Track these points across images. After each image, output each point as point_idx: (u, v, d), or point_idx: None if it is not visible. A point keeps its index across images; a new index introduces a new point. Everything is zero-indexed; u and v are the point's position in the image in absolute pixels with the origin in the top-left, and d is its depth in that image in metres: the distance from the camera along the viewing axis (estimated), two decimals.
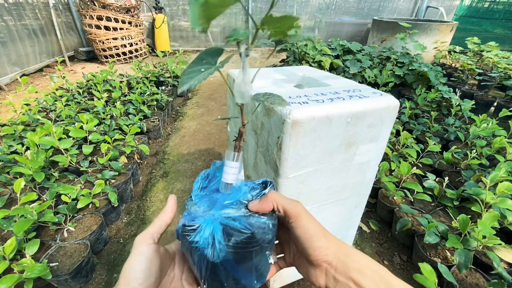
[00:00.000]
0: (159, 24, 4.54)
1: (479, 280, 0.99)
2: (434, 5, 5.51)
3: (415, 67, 2.65)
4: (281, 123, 0.63)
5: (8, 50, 3.07)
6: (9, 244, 0.90)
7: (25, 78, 2.02)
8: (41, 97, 2.16)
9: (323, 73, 1.00)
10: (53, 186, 1.25)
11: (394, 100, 0.73)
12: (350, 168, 0.79)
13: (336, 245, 0.32)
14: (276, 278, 0.99)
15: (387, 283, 0.29)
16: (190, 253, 0.32)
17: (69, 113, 1.79)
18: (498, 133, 1.62)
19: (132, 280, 0.29)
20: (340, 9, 5.67)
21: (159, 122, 2.15)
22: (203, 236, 0.30)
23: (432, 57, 3.86)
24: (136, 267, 0.30)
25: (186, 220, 0.32)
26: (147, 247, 0.31)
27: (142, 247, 0.31)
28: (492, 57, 3.09)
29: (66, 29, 4.17)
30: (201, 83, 2.16)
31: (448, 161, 1.57)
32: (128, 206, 1.51)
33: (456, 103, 2.06)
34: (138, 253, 0.30)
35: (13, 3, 3.24)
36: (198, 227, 0.31)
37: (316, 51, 2.81)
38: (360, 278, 0.30)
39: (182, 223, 0.32)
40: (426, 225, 1.10)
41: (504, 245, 1.02)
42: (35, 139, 1.25)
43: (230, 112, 1.09)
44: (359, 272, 0.30)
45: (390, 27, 4.03)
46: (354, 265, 0.31)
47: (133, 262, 0.30)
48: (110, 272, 1.15)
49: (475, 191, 1.19)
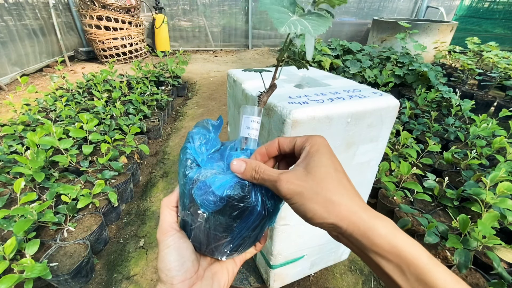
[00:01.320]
0: (159, 24, 4.54)
1: (479, 280, 0.99)
2: (434, 5, 5.51)
3: (415, 67, 2.65)
4: (281, 123, 0.63)
5: (8, 50, 3.07)
6: (9, 244, 0.90)
7: (25, 78, 2.02)
8: (41, 97, 2.16)
9: (323, 73, 1.00)
10: (53, 186, 1.25)
11: (394, 100, 0.73)
12: (350, 168, 0.79)
13: (347, 218, 0.24)
14: (276, 278, 0.99)
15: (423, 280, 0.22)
16: (234, 218, 0.30)
17: (69, 113, 1.79)
18: (498, 133, 1.62)
19: (169, 271, 0.29)
20: (340, 9, 5.66)
21: (159, 122, 2.15)
22: (252, 198, 0.29)
23: (432, 57, 3.86)
24: (168, 258, 0.30)
25: (223, 189, 0.28)
26: (171, 238, 0.31)
27: (167, 240, 0.31)
28: (492, 57, 3.09)
29: (66, 29, 4.17)
30: (200, 82, 2.15)
31: (448, 161, 1.57)
32: (128, 206, 1.51)
33: (456, 103, 2.06)
34: (165, 246, 0.31)
35: (13, 3, 3.24)
36: (247, 191, 0.29)
37: (316, 51, 2.81)
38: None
39: (222, 194, 0.28)
40: (426, 225, 1.10)
41: (504, 245, 1.02)
42: (35, 139, 1.25)
43: (230, 112, 1.09)
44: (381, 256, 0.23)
45: (390, 27, 4.04)
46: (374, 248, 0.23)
47: (164, 256, 0.30)
48: (110, 272, 1.15)
49: (475, 191, 1.19)
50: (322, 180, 0.26)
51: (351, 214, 0.24)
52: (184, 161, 0.32)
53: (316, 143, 0.29)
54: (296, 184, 0.26)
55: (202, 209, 0.30)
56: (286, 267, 0.96)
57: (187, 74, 3.75)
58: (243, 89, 0.82)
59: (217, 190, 0.28)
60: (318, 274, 1.15)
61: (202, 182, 0.29)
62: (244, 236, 0.32)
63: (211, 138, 0.34)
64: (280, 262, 0.92)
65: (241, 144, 0.34)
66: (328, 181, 0.26)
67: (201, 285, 0.31)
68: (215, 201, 0.28)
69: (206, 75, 3.81)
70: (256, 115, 0.33)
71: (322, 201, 0.25)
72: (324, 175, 0.26)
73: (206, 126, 0.35)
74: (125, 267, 1.17)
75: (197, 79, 3.62)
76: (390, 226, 0.24)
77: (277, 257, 0.90)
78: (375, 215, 0.25)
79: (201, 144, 0.33)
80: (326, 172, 0.27)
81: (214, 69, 4.11)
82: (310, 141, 0.29)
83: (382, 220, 0.24)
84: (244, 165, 0.29)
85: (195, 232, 0.32)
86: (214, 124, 0.36)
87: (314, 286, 1.11)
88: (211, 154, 0.34)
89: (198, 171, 0.31)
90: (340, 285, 1.12)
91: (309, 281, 1.12)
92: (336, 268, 1.18)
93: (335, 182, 0.26)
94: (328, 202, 0.25)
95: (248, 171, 0.29)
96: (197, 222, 0.31)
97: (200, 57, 4.94)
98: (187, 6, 5.10)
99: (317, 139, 0.29)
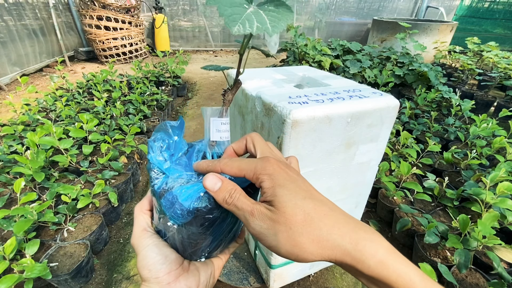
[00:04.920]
0: (159, 24, 4.54)
1: (479, 280, 0.99)
2: (434, 5, 5.51)
3: (415, 67, 2.65)
4: (281, 123, 0.63)
5: (8, 50, 3.07)
6: (9, 244, 0.90)
7: (25, 78, 2.02)
8: (41, 97, 2.16)
9: (323, 73, 1.00)
10: (53, 186, 1.25)
11: (394, 100, 0.73)
12: (350, 168, 0.79)
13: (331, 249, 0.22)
14: (276, 278, 0.99)
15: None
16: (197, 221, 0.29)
17: (69, 113, 1.79)
18: (498, 133, 1.62)
19: (153, 265, 0.28)
20: (340, 9, 5.66)
21: (159, 122, 2.15)
22: (222, 207, 0.28)
23: (432, 57, 3.86)
24: (149, 255, 0.29)
25: (190, 201, 0.27)
26: (148, 238, 0.31)
27: (144, 241, 0.30)
28: (492, 57, 3.09)
29: (66, 29, 4.17)
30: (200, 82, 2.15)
31: (448, 161, 1.57)
32: (128, 206, 1.51)
33: (456, 103, 2.05)
34: (143, 247, 0.30)
35: (13, 3, 3.24)
36: (214, 202, 0.28)
37: (316, 51, 2.81)
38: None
39: (189, 207, 0.27)
40: (426, 225, 1.10)
41: (504, 245, 1.02)
42: (35, 139, 1.25)
43: (230, 112, 1.09)
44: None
45: (390, 27, 4.03)
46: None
47: (144, 254, 0.29)
48: (110, 272, 1.15)
49: (475, 191, 1.19)
50: (293, 224, 0.23)
51: (333, 251, 0.22)
52: (149, 171, 0.30)
53: (271, 172, 0.25)
54: (268, 224, 0.23)
55: (171, 221, 0.28)
56: (286, 267, 0.96)
57: (187, 74, 3.75)
58: (243, 89, 0.82)
59: (184, 202, 0.27)
60: (318, 274, 1.15)
61: (169, 193, 0.27)
62: (220, 239, 0.31)
63: (172, 142, 0.32)
64: (280, 262, 0.92)
65: (208, 148, 0.33)
66: (298, 221, 0.23)
67: (187, 276, 0.30)
68: (182, 214, 0.27)
69: (206, 75, 3.81)
70: (224, 116, 0.32)
71: (300, 243, 0.22)
72: (292, 214, 0.23)
73: (166, 130, 0.33)
74: (125, 267, 1.17)
75: (197, 79, 3.62)
76: (380, 253, 0.22)
77: (277, 257, 0.90)
78: (358, 242, 0.22)
79: (162, 151, 0.31)
80: (293, 209, 0.23)
81: None
82: (262, 168, 0.25)
83: (370, 248, 0.22)
84: (220, 184, 0.26)
85: (170, 241, 0.31)
86: (174, 126, 0.33)
87: (314, 286, 1.11)
88: (178, 158, 0.32)
89: (164, 180, 0.29)
90: (340, 285, 1.12)
91: (309, 281, 1.12)
92: (336, 268, 1.18)
93: (307, 220, 0.23)
94: (306, 244, 0.22)
95: (222, 192, 0.26)
96: (170, 232, 0.30)
97: (200, 57, 4.94)
98: (187, 6, 5.10)
99: (270, 166, 0.25)
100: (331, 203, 0.25)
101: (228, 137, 0.32)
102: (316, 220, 0.22)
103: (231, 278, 1.09)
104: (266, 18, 0.23)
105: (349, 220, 0.23)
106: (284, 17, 0.24)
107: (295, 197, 0.23)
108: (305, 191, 0.24)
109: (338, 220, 0.23)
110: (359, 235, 0.22)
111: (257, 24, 0.23)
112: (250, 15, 0.23)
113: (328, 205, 0.24)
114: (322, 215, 0.23)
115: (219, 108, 0.32)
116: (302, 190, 0.24)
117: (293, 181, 0.25)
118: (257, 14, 0.24)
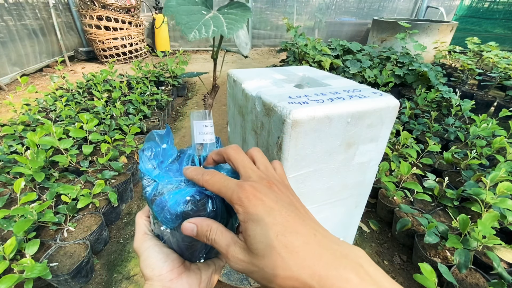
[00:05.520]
0: (159, 24, 4.54)
1: (479, 280, 0.99)
2: (434, 5, 5.51)
3: (415, 67, 2.65)
4: (281, 123, 0.63)
5: (8, 50, 3.07)
6: (9, 244, 0.90)
7: (25, 78, 2.02)
8: (41, 97, 2.16)
9: (323, 73, 1.00)
10: (53, 186, 1.25)
11: (394, 100, 0.73)
12: (350, 168, 0.79)
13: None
14: None
15: None
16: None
17: (69, 113, 1.79)
18: (498, 133, 1.62)
19: (155, 264, 0.30)
20: (340, 9, 5.67)
21: (159, 122, 2.15)
22: (209, 209, 0.29)
23: (432, 57, 3.86)
24: (151, 255, 0.30)
25: (177, 206, 0.28)
26: (149, 241, 0.32)
27: (145, 243, 0.32)
28: (492, 57, 3.09)
29: (66, 29, 4.17)
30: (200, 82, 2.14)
31: (448, 161, 1.57)
32: (128, 206, 1.51)
33: (456, 103, 2.05)
34: (144, 248, 0.31)
35: (13, 3, 3.24)
36: (200, 205, 0.29)
37: (316, 51, 2.81)
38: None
39: (176, 211, 0.28)
40: (426, 225, 1.10)
41: (504, 245, 1.02)
42: (35, 139, 1.25)
43: (230, 112, 1.09)
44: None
45: (390, 27, 4.03)
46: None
47: (147, 255, 0.30)
48: (110, 272, 1.15)
49: (475, 191, 1.19)
50: (265, 266, 0.23)
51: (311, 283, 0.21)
52: (141, 180, 0.32)
53: (245, 204, 0.24)
54: (242, 266, 0.24)
55: (163, 226, 0.30)
56: None
57: None
58: (243, 89, 0.82)
59: (171, 207, 0.28)
60: None
61: (159, 199, 0.29)
62: None
63: (160, 150, 0.33)
64: None
65: (195, 152, 0.34)
66: (269, 264, 0.22)
67: (189, 274, 0.31)
68: (172, 218, 0.28)
69: (206, 75, 3.81)
70: (207, 119, 0.33)
71: (274, 281, 0.23)
72: (263, 256, 0.23)
73: (153, 139, 0.34)
74: (125, 267, 1.17)
75: (197, 79, 3.62)
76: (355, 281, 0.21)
77: None
78: (325, 282, 0.21)
79: (150, 160, 0.32)
80: (264, 251, 0.23)
81: None
82: (237, 198, 0.25)
83: (347, 275, 0.21)
84: (195, 228, 0.27)
85: (168, 244, 0.32)
86: (160, 135, 0.34)
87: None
88: (169, 165, 0.33)
89: (155, 187, 0.30)
90: None
91: None
92: None
93: (278, 261, 0.22)
94: (280, 281, 0.22)
95: (199, 236, 0.27)
96: (165, 236, 0.32)
97: (200, 57, 4.94)
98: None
99: (244, 195, 0.24)
100: (309, 229, 0.24)
101: (212, 139, 0.33)
102: (287, 259, 0.22)
103: (231, 278, 1.09)
104: (224, 21, 0.24)
105: (324, 253, 0.22)
106: (241, 18, 0.25)
107: (267, 236, 0.23)
108: (280, 224, 0.23)
109: (311, 256, 0.22)
110: (329, 272, 0.21)
111: (213, 28, 0.23)
112: (208, 20, 0.24)
113: (304, 236, 0.23)
114: (294, 252, 0.22)
115: (202, 111, 0.33)
116: (276, 225, 0.23)
117: (269, 213, 0.24)
118: (216, 19, 0.24)
